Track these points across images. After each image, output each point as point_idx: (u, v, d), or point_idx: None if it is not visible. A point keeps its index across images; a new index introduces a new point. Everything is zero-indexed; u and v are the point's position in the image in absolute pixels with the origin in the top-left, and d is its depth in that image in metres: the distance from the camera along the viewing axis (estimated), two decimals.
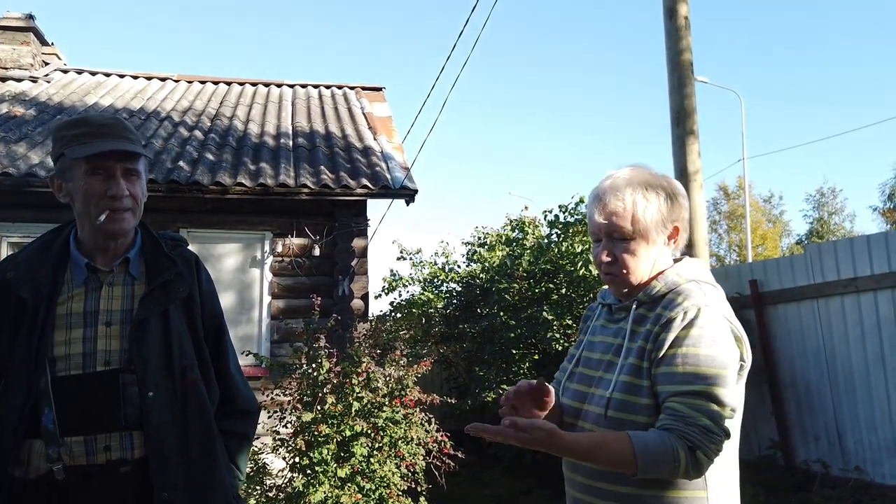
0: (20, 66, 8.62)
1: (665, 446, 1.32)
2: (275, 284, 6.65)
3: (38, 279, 1.63)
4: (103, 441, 1.57)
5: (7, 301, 1.61)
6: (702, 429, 1.33)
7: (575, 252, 6.47)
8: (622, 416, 1.44)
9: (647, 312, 1.50)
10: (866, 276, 5.27)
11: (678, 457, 1.31)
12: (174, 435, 1.62)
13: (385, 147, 7.64)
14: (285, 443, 4.61)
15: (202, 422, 1.68)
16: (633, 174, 1.55)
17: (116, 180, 1.63)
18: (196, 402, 1.67)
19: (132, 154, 1.66)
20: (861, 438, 5.37)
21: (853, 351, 5.43)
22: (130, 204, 1.66)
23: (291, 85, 9.76)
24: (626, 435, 1.36)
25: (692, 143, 5.22)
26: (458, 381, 7.92)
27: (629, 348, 1.49)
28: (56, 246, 1.71)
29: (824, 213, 33.14)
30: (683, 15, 5.28)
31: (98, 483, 1.56)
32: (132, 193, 1.67)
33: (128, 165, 1.66)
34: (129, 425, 1.59)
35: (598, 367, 1.56)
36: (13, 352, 1.58)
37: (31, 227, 6.19)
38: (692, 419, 1.34)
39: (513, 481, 6.24)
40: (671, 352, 1.41)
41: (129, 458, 1.59)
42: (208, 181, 6.20)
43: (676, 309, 1.43)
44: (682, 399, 1.36)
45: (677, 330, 1.41)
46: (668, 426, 1.35)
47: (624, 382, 1.46)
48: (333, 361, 4.69)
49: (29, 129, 6.88)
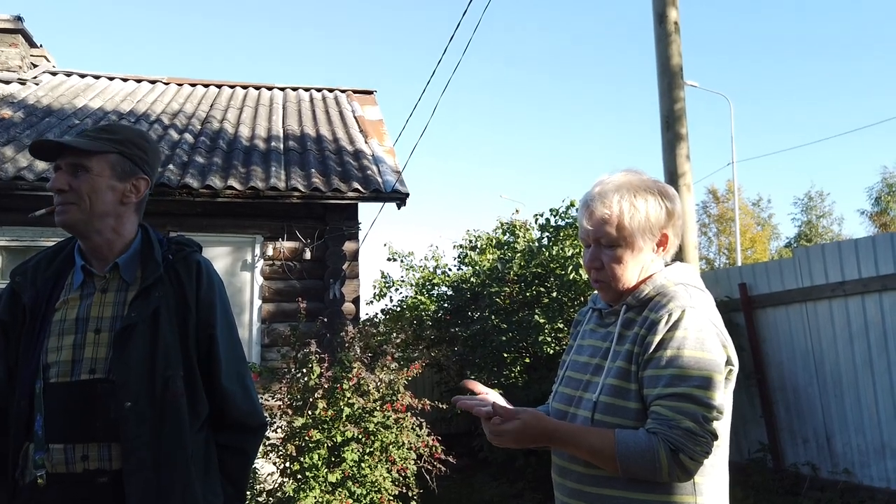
0: (8, 68, 8.56)
1: (647, 447, 1.33)
2: (265, 288, 6.63)
3: (39, 285, 1.65)
4: (81, 450, 1.56)
5: (16, 306, 1.64)
6: (685, 431, 1.33)
7: (566, 256, 6.48)
8: (609, 420, 1.43)
9: (635, 316, 1.50)
10: (854, 279, 5.31)
11: (659, 458, 1.32)
12: (149, 448, 1.58)
13: (376, 150, 7.64)
14: (276, 448, 4.59)
15: (177, 436, 1.62)
16: (624, 180, 1.54)
17: (57, 175, 1.64)
18: (174, 415, 1.62)
19: (79, 150, 1.65)
20: (849, 441, 5.40)
21: (841, 354, 5.46)
22: (74, 199, 1.63)
23: (282, 88, 9.74)
24: (611, 431, 1.39)
25: (682, 146, 5.24)
26: (450, 385, 7.91)
27: (616, 351, 1.49)
28: (65, 252, 1.73)
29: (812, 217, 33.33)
30: (673, 20, 5.31)
31: (76, 492, 1.55)
32: (73, 187, 1.63)
33: (70, 160, 1.65)
34: (106, 436, 1.57)
35: (585, 371, 1.56)
36: (18, 357, 1.62)
37: (18, 230, 6.15)
38: (675, 422, 1.34)
39: (504, 485, 6.24)
40: (656, 354, 1.41)
41: (108, 468, 1.56)
42: (198, 184, 6.17)
43: (662, 311, 1.43)
44: (666, 402, 1.36)
45: (662, 332, 1.41)
46: (652, 429, 1.36)
47: (611, 386, 1.46)
48: (325, 366, 4.68)
49: (17, 132, 6.82)
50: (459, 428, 7.04)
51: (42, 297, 1.63)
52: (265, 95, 9.42)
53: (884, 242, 5.15)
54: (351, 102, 9.36)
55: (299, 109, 8.88)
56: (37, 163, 6.11)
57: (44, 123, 7.16)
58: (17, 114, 7.35)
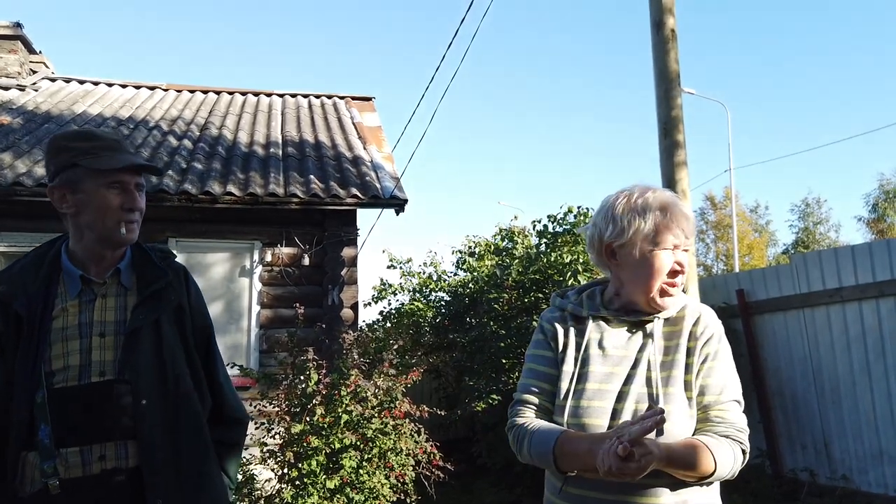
0: (7, 74, 8.57)
1: (733, 453, 1.46)
2: (264, 294, 6.63)
3: (30, 293, 1.65)
4: (98, 451, 1.59)
5: (6, 314, 1.63)
6: (744, 433, 1.51)
7: (564, 262, 6.49)
8: (675, 431, 1.45)
9: (673, 327, 1.59)
10: (851, 286, 5.33)
11: (738, 459, 1.47)
12: (167, 443, 1.64)
13: (375, 156, 7.65)
14: (274, 454, 4.58)
15: (195, 430, 1.70)
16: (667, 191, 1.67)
17: (132, 193, 1.70)
18: (188, 410, 1.70)
19: (140, 168, 1.73)
20: (847, 447, 5.41)
21: (839, 360, 5.47)
22: (139, 217, 1.73)
23: (281, 94, 9.76)
24: (700, 441, 1.45)
25: (679, 153, 5.26)
26: (448, 391, 7.91)
27: (664, 362, 1.55)
28: (48, 259, 1.72)
29: (810, 223, 33.38)
30: (670, 27, 5.34)
31: (93, 494, 1.57)
32: (140, 207, 1.73)
33: (138, 180, 1.72)
34: (123, 434, 1.61)
35: (611, 381, 1.53)
36: (14, 367, 1.60)
37: (16, 236, 6.14)
38: (739, 425, 1.50)
39: (503, 491, 6.23)
40: (712, 364, 1.54)
41: (124, 467, 1.60)
42: (197, 190, 6.18)
43: (703, 324, 1.57)
44: (727, 407, 1.51)
45: (714, 343, 1.56)
46: (723, 433, 1.48)
47: (672, 395, 1.50)
48: (323, 373, 4.68)
49: (16, 138, 6.83)
50: (458, 434, 7.04)
51: (36, 306, 1.63)
52: (264, 102, 9.44)
53: (880, 249, 5.17)
54: (349, 109, 9.38)
55: (298, 116, 8.90)
56: (36, 169, 6.11)
57: (43, 130, 7.17)
58: (17, 120, 7.36)
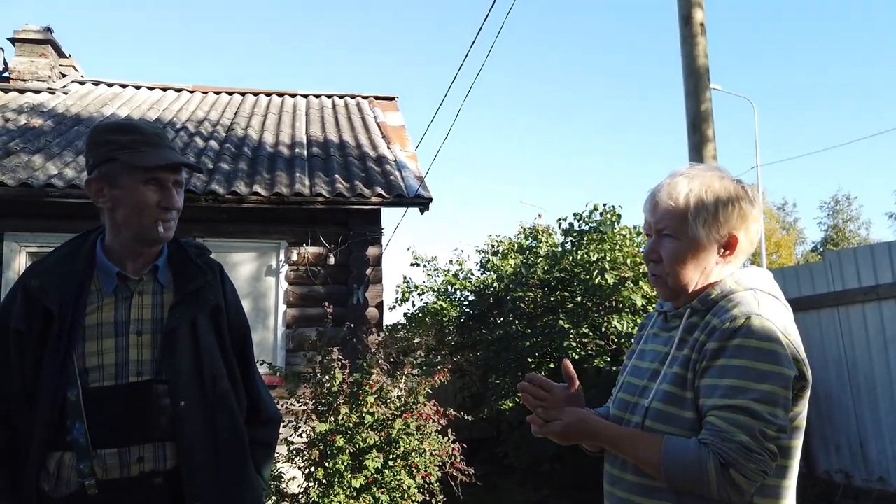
0: (38, 77, 8.72)
1: (695, 458, 1.25)
2: (290, 293, 6.66)
3: (63, 289, 1.59)
4: (137, 452, 1.55)
5: (34, 311, 1.57)
6: (738, 445, 1.23)
7: (590, 260, 6.42)
8: (660, 428, 1.36)
9: (699, 320, 1.40)
10: (888, 283, 5.19)
11: (707, 471, 1.23)
12: (205, 444, 1.60)
13: (399, 156, 7.65)
14: (300, 453, 4.60)
15: (233, 431, 1.67)
16: (697, 172, 1.46)
17: (170, 191, 1.65)
18: (226, 411, 1.66)
19: (180, 165, 1.68)
20: (884, 449, 5.27)
21: (875, 360, 5.34)
22: (176, 216, 1.68)
23: (305, 95, 9.80)
24: (661, 437, 1.33)
25: (708, 148, 5.18)
26: (473, 390, 7.88)
27: (674, 357, 1.40)
28: (82, 254, 1.66)
29: (839, 221, 32.79)
30: (699, 21, 5.25)
31: (131, 496, 1.54)
32: (178, 205, 1.69)
33: (177, 177, 1.67)
34: (162, 436, 1.57)
35: (643, 377, 1.47)
36: (41, 363, 1.55)
37: (48, 236, 6.24)
38: (729, 435, 1.24)
39: (529, 491, 6.19)
40: (715, 362, 1.31)
41: (162, 469, 1.57)
42: (224, 190, 6.23)
43: (724, 316, 1.34)
44: (722, 413, 1.27)
45: (723, 339, 1.31)
46: (704, 440, 1.27)
47: (665, 392, 1.38)
48: (346, 373, 4.68)
49: (47, 140, 6.94)
50: (483, 433, 7.00)
51: (68, 302, 1.57)
52: (288, 102, 9.49)
53: None
54: (373, 108, 9.40)
55: (322, 116, 8.93)
56: (66, 171, 6.21)
57: (73, 132, 7.29)
58: (47, 123, 7.48)
